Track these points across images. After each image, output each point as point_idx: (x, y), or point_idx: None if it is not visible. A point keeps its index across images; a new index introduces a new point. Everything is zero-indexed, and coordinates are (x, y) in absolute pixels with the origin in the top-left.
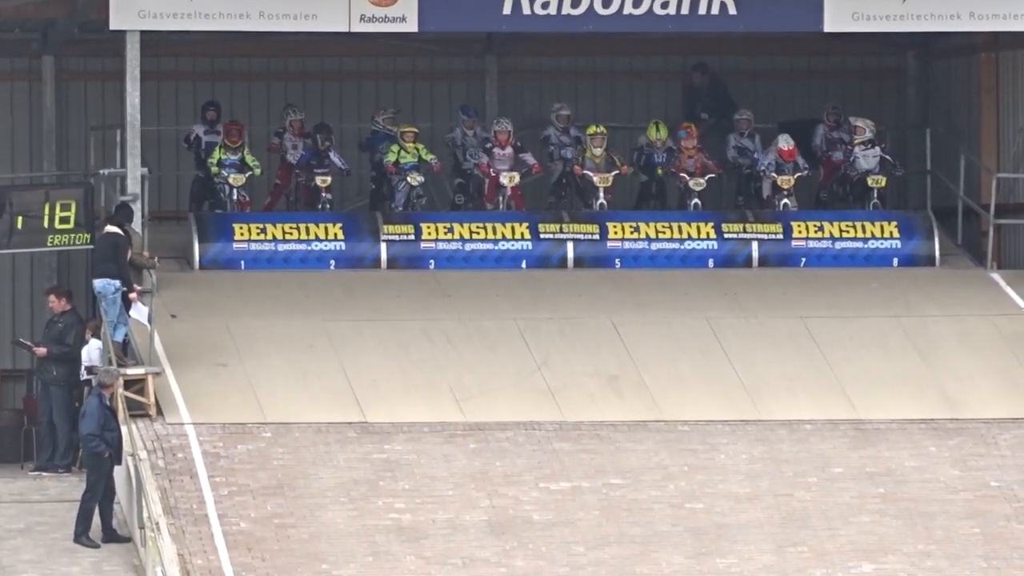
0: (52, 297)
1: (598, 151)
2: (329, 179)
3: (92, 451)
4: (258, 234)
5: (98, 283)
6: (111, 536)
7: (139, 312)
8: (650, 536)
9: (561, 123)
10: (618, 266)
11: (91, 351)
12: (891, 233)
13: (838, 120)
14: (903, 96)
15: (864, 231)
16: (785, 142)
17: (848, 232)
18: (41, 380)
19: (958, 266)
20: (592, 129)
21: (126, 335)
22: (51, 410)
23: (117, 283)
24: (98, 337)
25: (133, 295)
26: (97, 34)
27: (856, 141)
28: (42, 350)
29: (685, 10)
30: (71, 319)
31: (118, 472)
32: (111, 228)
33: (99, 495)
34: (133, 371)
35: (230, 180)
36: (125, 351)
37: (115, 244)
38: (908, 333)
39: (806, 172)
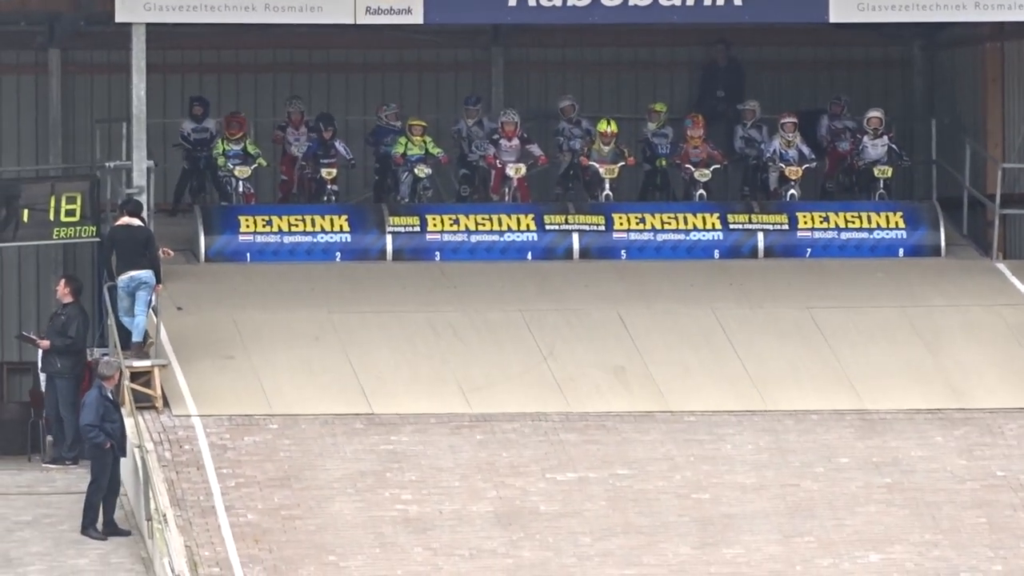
0: (62, 283)
1: (607, 147)
2: (335, 171)
3: (91, 441)
4: (264, 226)
5: (143, 273)
6: (112, 530)
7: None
8: (656, 526)
9: (565, 115)
10: (624, 257)
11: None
12: (896, 224)
13: (842, 110)
14: (908, 86)
15: (870, 222)
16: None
17: (854, 223)
18: (46, 373)
19: (963, 256)
20: (603, 126)
21: (145, 332)
22: (57, 403)
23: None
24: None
25: (160, 287)
26: (103, 26)
27: (870, 131)
28: (45, 343)
29: (691, 1)
30: (73, 311)
31: (124, 464)
32: (133, 221)
33: (104, 487)
34: (139, 363)
35: (235, 172)
36: (144, 343)
37: (148, 237)
38: (914, 323)
39: (813, 163)
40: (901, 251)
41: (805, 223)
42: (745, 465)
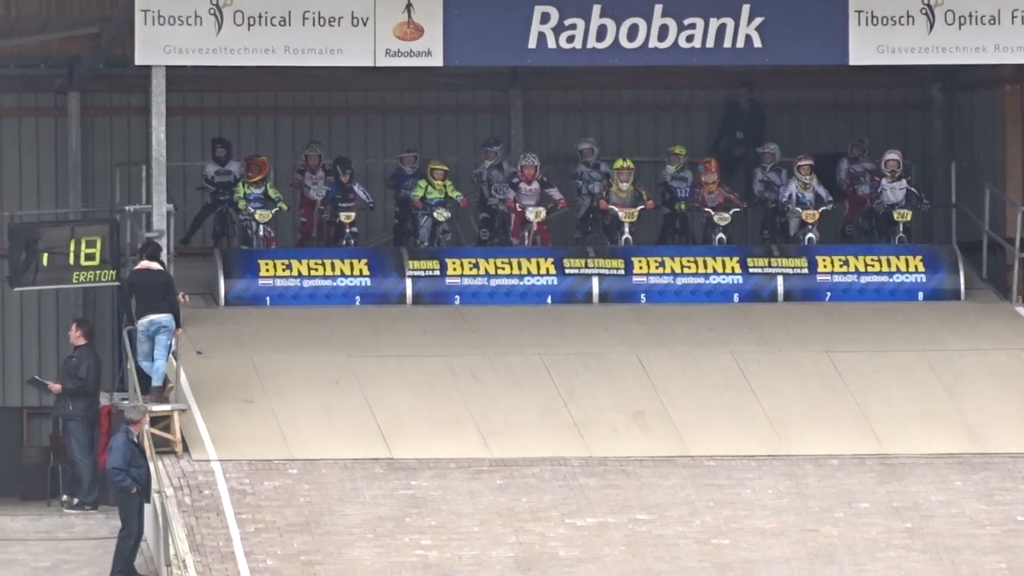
0: (74, 327)
1: (624, 185)
2: (353, 215)
3: (118, 485)
4: (283, 270)
5: (163, 317)
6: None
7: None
8: (676, 572)
9: (584, 158)
10: (643, 301)
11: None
12: (916, 267)
13: (861, 153)
14: (928, 129)
15: (889, 265)
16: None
17: (873, 266)
18: (61, 417)
19: (983, 300)
20: (619, 163)
21: (165, 376)
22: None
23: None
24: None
25: (180, 331)
26: (122, 69)
27: (888, 174)
28: (57, 386)
29: (710, 43)
30: (84, 353)
31: (146, 510)
32: (153, 264)
33: (134, 533)
34: (159, 408)
35: (256, 216)
36: (164, 388)
37: (168, 282)
38: (933, 367)
39: (830, 205)
40: (921, 295)
41: (825, 267)
42: (765, 510)
